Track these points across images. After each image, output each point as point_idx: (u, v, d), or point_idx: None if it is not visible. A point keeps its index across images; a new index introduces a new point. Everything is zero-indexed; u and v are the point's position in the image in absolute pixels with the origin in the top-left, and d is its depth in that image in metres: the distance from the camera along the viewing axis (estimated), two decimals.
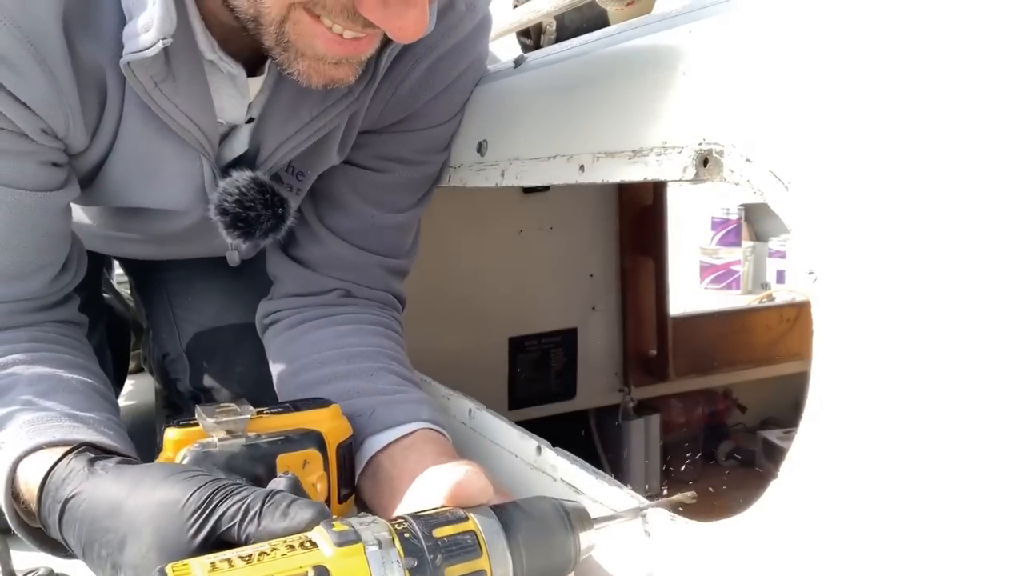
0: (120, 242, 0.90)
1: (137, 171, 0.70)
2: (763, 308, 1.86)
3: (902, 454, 0.35)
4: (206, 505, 0.46)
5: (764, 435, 1.51)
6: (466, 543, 0.44)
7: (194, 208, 0.73)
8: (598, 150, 0.55)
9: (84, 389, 0.63)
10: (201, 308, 0.95)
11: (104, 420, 0.60)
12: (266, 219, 0.69)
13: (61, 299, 0.71)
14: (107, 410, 0.63)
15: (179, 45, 0.60)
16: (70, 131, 0.64)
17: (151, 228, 0.81)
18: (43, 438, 0.55)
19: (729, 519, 0.44)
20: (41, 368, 0.63)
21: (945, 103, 0.34)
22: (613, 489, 0.52)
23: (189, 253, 0.93)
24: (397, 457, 0.64)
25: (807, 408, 0.40)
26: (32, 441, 0.55)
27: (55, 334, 0.68)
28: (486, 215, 1.16)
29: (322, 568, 0.41)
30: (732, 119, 0.45)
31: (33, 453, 0.54)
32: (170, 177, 0.70)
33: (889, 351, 0.35)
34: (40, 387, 0.61)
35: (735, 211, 3.17)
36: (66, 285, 0.71)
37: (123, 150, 0.67)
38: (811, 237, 0.40)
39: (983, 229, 0.32)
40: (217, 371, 0.93)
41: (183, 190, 0.71)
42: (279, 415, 0.59)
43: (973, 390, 0.32)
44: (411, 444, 0.64)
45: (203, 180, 0.70)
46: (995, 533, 0.31)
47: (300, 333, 0.78)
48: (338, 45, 0.57)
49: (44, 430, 0.56)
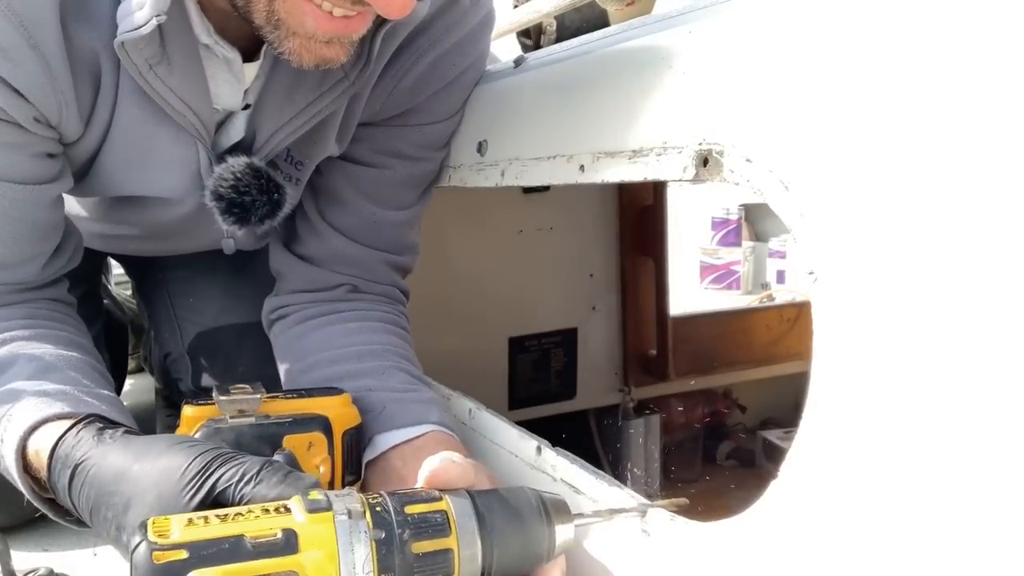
0: (117, 239, 0.90)
1: (132, 158, 0.70)
2: (763, 308, 1.86)
3: (902, 454, 0.35)
4: (205, 469, 0.48)
5: (764, 435, 1.51)
6: (435, 521, 0.45)
7: (190, 195, 0.73)
8: (598, 150, 0.55)
9: (83, 366, 0.64)
10: (202, 308, 0.96)
11: (106, 397, 0.61)
12: (261, 204, 0.69)
13: (52, 281, 0.72)
14: (106, 387, 0.64)
15: (174, 27, 0.60)
16: (63, 118, 0.64)
17: (147, 219, 0.81)
18: (52, 410, 0.56)
19: (729, 519, 0.44)
20: (41, 345, 0.64)
21: (946, 102, 0.34)
22: (613, 489, 0.52)
23: (186, 247, 0.93)
24: (408, 457, 0.64)
25: (807, 408, 0.40)
26: (41, 413, 0.56)
27: (48, 311, 0.69)
28: (486, 215, 1.16)
29: (291, 531, 0.42)
30: (732, 119, 0.45)
31: (43, 425, 0.56)
32: (166, 164, 0.70)
33: (889, 351, 0.35)
34: (42, 362, 0.61)
35: (735, 211, 3.17)
36: (59, 269, 0.71)
37: (118, 137, 0.67)
38: (811, 237, 0.40)
39: (983, 230, 0.32)
40: (219, 371, 0.93)
41: (179, 177, 0.71)
42: (291, 399, 0.61)
43: (973, 389, 0.32)
44: (423, 445, 0.65)
45: (199, 166, 0.70)
46: (995, 533, 0.31)
47: (309, 330, 0.78)
48: (328, 23, 0.57)
49: (52, 403, 0.57)
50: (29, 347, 0.63)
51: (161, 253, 0.98)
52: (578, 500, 0.55)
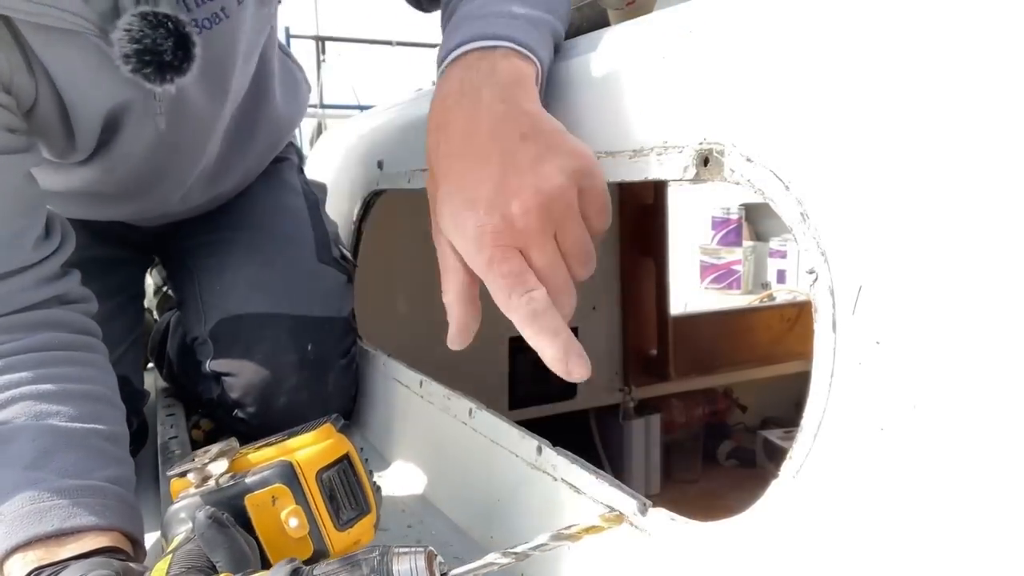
0: (101, 201, 0.93)
1: (73, 94, 0.71)
2: (763, 308, 1.86)
3: (903, 454, 0.35)
4: None
5: (764, 435, 1.51)
6: None
7: (121, 91, 0.74)
8: (598, 150, 0.55)
9: (89, 441, 0.62)
10: (227, 295, 0.97)
11: (102, 488, 0.59)
12: (164, 42, 0.69)
13: (59, 272, 0.71)
14: (112, 463, 0.62)
15: None
16: (13, 82, 0.66)
17: (120, 166, 0.83)
18: (39, 528, 0.54)
19: (729, 519, 0.44)
20: (49, 406, 0.62)
21: (947, 102, 0.34)
22: (613, 489, 0.52)
23: (175, 195, 0.95)
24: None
25: (807, 408, 0.40)
26: (25, 533, 0.54)
27: (64, 332, 0.68)
28: None
29: None
30: (732, 119, 0.45)
31: (25, 548, 0.54)
32: (91, 78, 0.71)
33: (889, 351, 0.35)
34: (46, 441, 0.59)
35: (735, 211, 3.17)
36: (55, 252, 0.70)
37: (59, 83, 0.69)
38: (811, 237, 0.40)
39: (987, 230, 0.32)
40: (238, 356, 0.95)
41: (106, 79, 0.71)
42: (262, 448, 0.56)
43: (975, 389, 0.32)
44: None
45: (111, 59, 0.70)
46: (995, 534, 0.31)
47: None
48: None
49: (41, 518, 0.55)
50: (35, 408, 0.61)
51: (159, 212, 1.01)
52: (578, 500, 0.55)
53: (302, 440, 0.56)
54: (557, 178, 0.49)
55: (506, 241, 0.48)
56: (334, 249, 1.04)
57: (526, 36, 0.57)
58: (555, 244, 0.49)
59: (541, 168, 0.49)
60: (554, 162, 0.49)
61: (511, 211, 0.48)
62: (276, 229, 1.03)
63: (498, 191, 0.49)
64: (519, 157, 0.49)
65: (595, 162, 0.51)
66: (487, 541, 0.68)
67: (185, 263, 1.06)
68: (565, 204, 0.49)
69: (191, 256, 1.05)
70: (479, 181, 0.50)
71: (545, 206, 0.48)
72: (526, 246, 0.49)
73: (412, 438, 0.88)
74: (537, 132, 0.51)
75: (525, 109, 0.52)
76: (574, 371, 0.48)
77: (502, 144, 0.50)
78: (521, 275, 0.48)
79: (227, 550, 0.47)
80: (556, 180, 0.49)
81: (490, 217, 0.49)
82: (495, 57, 0.55)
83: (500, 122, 0.51)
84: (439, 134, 0.54)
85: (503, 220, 0.48)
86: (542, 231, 0.49)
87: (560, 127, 0.52)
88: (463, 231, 0.50)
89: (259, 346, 0.94)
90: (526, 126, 0.51)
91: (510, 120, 0.51)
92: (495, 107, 0.52)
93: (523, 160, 0.49)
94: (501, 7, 0.59)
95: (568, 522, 0.47)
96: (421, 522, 0.75)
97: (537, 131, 0.51)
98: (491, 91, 0.53)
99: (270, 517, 0.51)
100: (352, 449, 0.58)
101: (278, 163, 1.11)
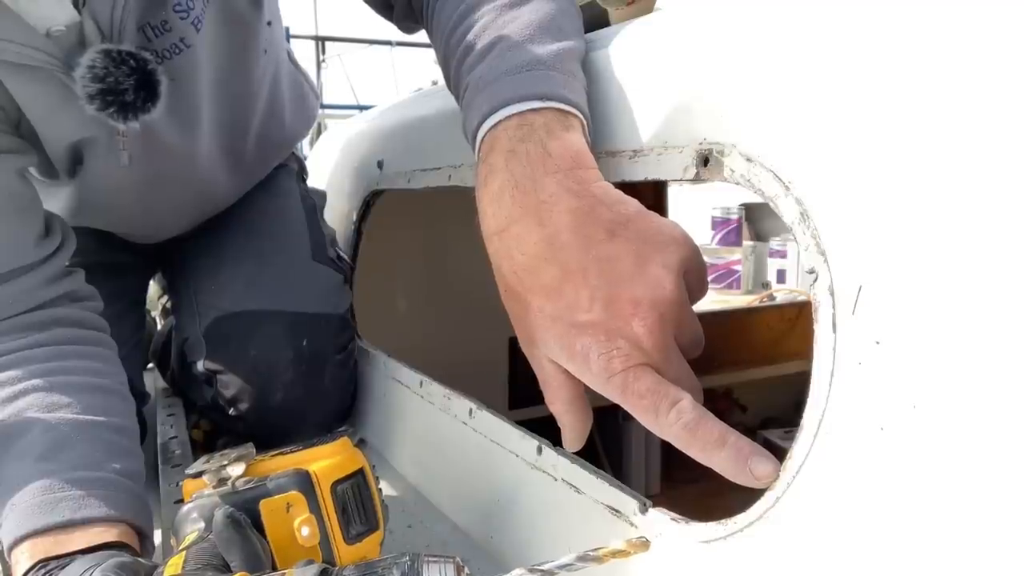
0: (102, 223, 0.94)
1: (40, 124, 0.71)
2: (764, 308, 1.86)
3: (903, 454, 0.35)
4: None
5: (764, 435, 1.51)
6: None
7: (85, 127, 0.74)
8: (598, 149, 0.55)
9: (100, 433, 0.62)
10: (222, 294, 0.97)
11: (112, 481, 0.59)
12: (126, 80, 0.68)
13: (65, 270, 0.71)
14: (122, 456, 0.62)
15: None
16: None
17: (97, 194, 0.83)
18: (49, 519, 0.55)
19: (729, 519, 0.44)
20: (59, 396, 0.62)
21: (947, 102, 0.34)
22: (613, 489, 0.52)
23: (169, 219, 0.97)
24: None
25: (807, 408, 0.40)
26: (33, 524, 0.55)
27: (75, 327, 0.68)
28: None
29: None
30: (732, 118, 0.45)
31: (33, 537, 0.55)
32: (55, 112, 0.71)
33: (889, 351, 0.35)
34: (57, 434, 0.60)
35: (735, 211, 3.18)
36: (56, 251, 0.71)
37: (27, 113, 0.69)
38: (811, 237, 0.40)
39: (988, 230, 0.32)
40: (232, 352, 0.94)
41: (69, 115, 0.71)
42: (281, 456, 0.57)
43: (975, 389, 0.32)
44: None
45: (76, 94, 0.69)
46: (995, 534, 0.31)
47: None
48: None
49: (52, 509, 0.55)
50: (47, 401, 0.61)
51: (150, 232, 1.02)
52: (579, 500, 0.55)
53: (319, 451, 0.56)
54: (667, 281, 0.45)
55: (636, 362, 0.44)
56: (330, 250, 1.04)
57: (563, 87, 0.52)
58: (676, 345, 0.46)
59: (647, 272, 0.45)
60: (657, 260, 0.45)
61: (634, 332, 0.44)
62: (272, 230, 1.04)
63: (610, 311, 0.45)
64: (618, 265, 0.45)
65: (690, 241, 0.47)
66: (487, 541, 0.68)
67: (180, 264, 1.06)
68: (679, 305, 0.45)
69: (186, 257, 1.05)
70: (583, 300, 0.45)
71: (665, 317, 0.45)
72: (654, 361, 0.45)
73: (412, 438, 0.88)
74: (623, 224, 0.46)
75: (597, 196, 0.47)
76: (760, 474, 0.42)
77: (593, 250, 0.46)
78: (659, 389, 0.44)
79: (242, 550, 0.48)
80: (667, 284, 0.45)
81: (613, 343, 0.44)
82: (537, 129, 0.50)
83: (578, 221, 0.46)
84: (508, 240, 0.49)
85: (628, 343, 0.44)
86: (667, 343, 0.45)
87: (638, 207, 0.47)
88: (584, 360, 0.45)
89: (254, 342, 0.94)
90: (607, 219, 0.46)
91: (589, 216, 0.46)
92: (565, 202, 0.47)
93: (624, 266, 0.45)
94: (522, 54, 0.54)
95: (568, 522, 0.47)
96: (421, 522, 0.75)
97: (622, 223, 0.46)
98: (553, 181, 0.48)
99: (283, 524, 0.52)
100: (366, 465, 0.58)
101: (277, 168, 1.11)
